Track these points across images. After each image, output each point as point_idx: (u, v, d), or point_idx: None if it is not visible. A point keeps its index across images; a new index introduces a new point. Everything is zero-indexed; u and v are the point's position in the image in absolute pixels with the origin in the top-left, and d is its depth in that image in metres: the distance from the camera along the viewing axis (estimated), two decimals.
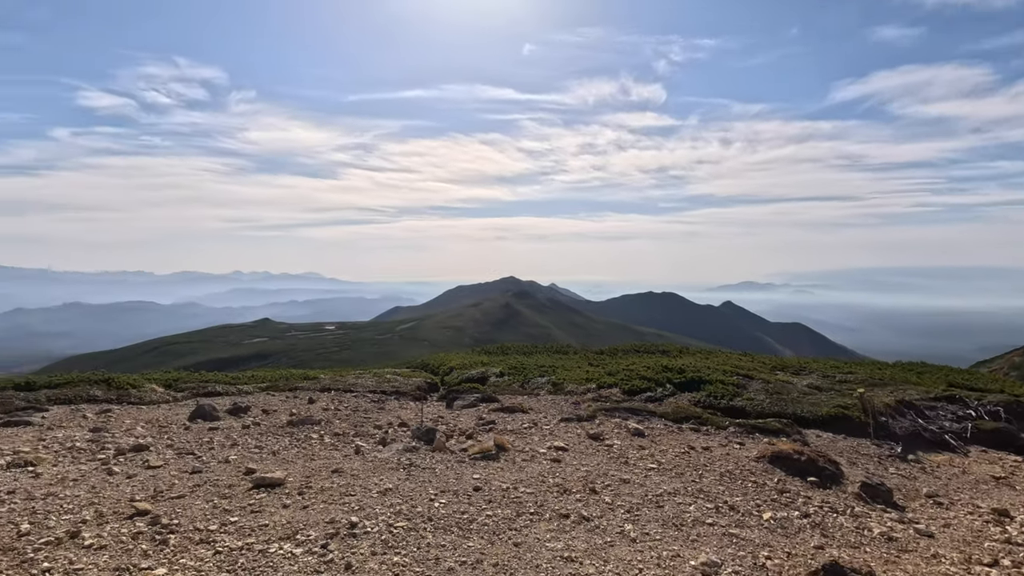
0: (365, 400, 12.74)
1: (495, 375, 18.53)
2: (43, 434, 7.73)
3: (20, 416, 8.63)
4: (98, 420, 9.03)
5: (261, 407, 10.94)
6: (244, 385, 13.14)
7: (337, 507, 4.95)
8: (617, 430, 8.68)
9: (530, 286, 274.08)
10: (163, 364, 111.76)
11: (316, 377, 16.79)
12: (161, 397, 11.15)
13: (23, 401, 9.40)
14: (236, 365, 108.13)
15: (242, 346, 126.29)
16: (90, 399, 10.26)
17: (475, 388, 14.32)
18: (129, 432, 8.07)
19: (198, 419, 9.32)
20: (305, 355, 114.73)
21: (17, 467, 5.85)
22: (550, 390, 14.62)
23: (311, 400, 11.92)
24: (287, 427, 8.99)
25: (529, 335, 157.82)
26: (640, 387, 13.44)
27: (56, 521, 4.41)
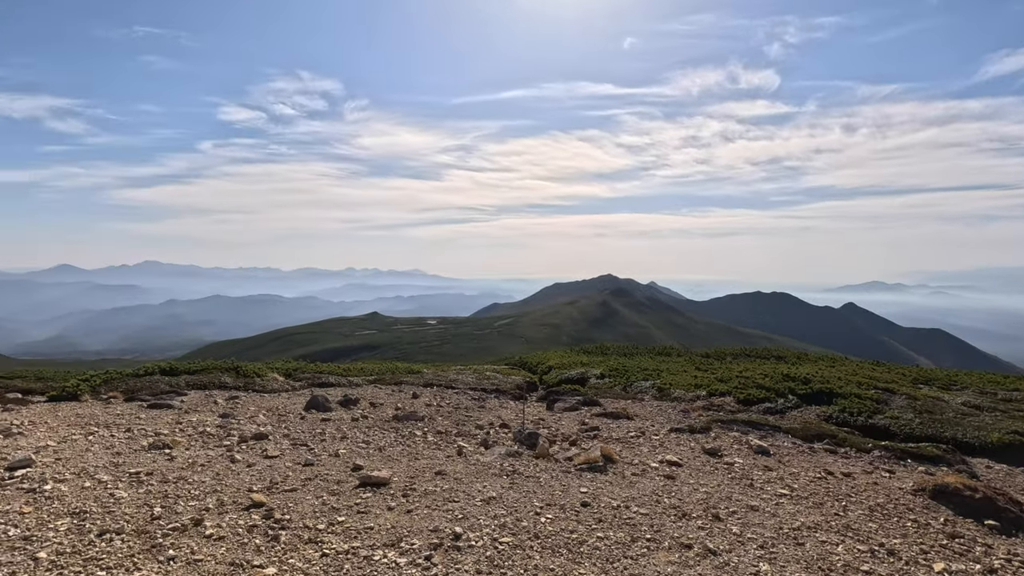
0: (466, 397, 12.78)
1: (595, 377, 17.95)
2: (180, 417, 8.43)
3: (164, 399, 9.53)
4: (227, 406, 9.75)
5: (369, 400, 11.29)
6: (354, 377, 13.72)
7: (441, 514, 4.78)
8: (737, 446, 7.85)
9: (628, 284, 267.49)
10: (287, 352, 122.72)
11: (419, 371, 17.24)
12: (281, 386, 11.90)
13: (167, 385, 10.42)
14: (348, 355, 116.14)
15: (353, 337, 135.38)
16: (221, 386, 11.16)
17: (576, 390, 13.88)
18: (252, 419, 8.59)
19: (312, 409, 9.76)
20: (409, 348, 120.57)
21: (157, 449, 6.34)
22: (655, 395, 13.81)
23: (415, 395, 12.14)
24: (392, 422, 9.13)
25: (626, 335, 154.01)
26: (757, 397, 12.27)
27: (183, 507, 4.63)
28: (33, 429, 7.08)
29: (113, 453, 6.09)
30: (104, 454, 6.05)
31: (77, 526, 4.14)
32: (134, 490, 4.97)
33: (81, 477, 5.21)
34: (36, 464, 5.47)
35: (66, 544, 3.84)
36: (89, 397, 9.77)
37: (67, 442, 6.47)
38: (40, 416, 8.08)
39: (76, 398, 9.74)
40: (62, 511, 4.39)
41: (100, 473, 5.34)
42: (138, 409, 8.93)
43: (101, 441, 6.59)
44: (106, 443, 6.52)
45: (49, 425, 7.39)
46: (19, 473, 5.14)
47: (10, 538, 3.90)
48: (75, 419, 7.92)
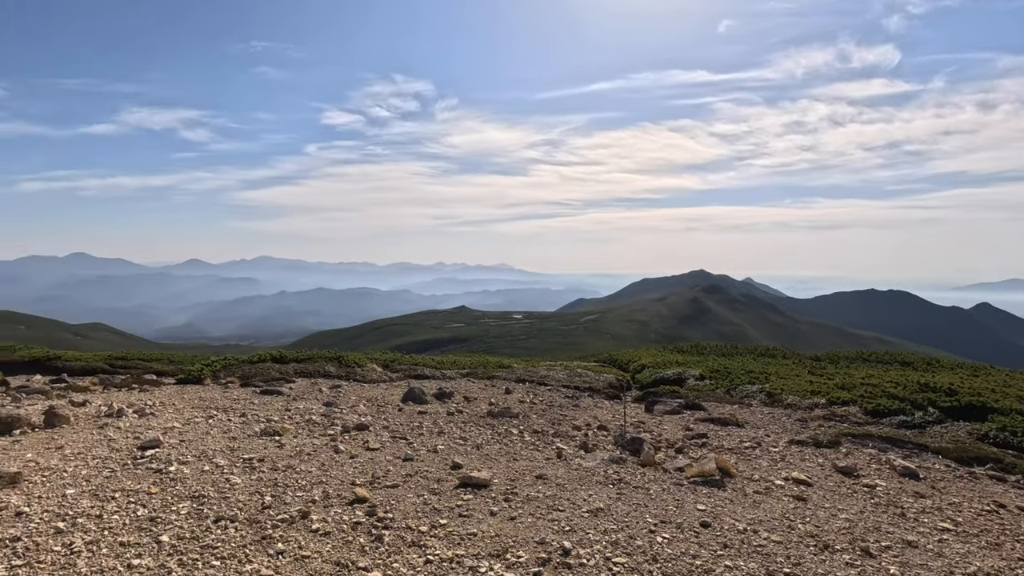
0: (559, 395, 12.43)
1: (694, 378, 16.93)
2: (288, 404, 8.79)
3: (274, 386, 10.04)
4: (330, 395, 10.09)
5: (463, 394, 11.26)
6: (448, 370, 13.83)
7: (546, 523, 4.45)
8: (875, 465, 6.85)
9: (722, 280, 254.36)
10: (383, 342, 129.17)
11: (510, 366, 17.12)
12: (380, 376, 12.21)
13: (277, 372, 11.00)
14: (438, 346, 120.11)
15: (443, 329, 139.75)
16: (325, 374, 11.63)
17: (675, 392, 13.07)
18: (353, 409, 8.78)
19: (409, 401, 9.85)
20: (495, 341, 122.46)
21: (267, 435, 6.56)
22: (764, 401, 12.69)
23: (508, 391, 11.98)
24: (487, 418, 8.98)
25: (720, 333, 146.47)
26: (888, 408, 10.88)
27: (292, 497, 4.65)
28: (163, 410, 7.63)
29: (229, 438, 6.37)
30: (221, 438, 6.33)
31: (196, 510, 4.25)
32: (247, 476, 5.09)
33: (201, 460, 5.45)
34: (163, 445, 5.80)
35: (186, 529, 3.92)
36: (210, 381, 10.52)
37: (190, 424, 6.87)
38: (169, 398, 8.75)
39: (200, 382, 10.52)
40: (183, 494, 4.55)
41: (218, 457, 5.55)
42: (252, 395, 9.45)
43: (219, 425, 6.95)
44: (223, 427, 6.85)
45: (176, 407, 7.95)
46: (149, 453, 5.46)
47: (138, 518, 4.06)
48: (198, 402, 8.49)
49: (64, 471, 4.87)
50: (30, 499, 4.19)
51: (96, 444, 5.73)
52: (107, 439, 5.93)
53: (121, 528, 3.87)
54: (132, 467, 5.10)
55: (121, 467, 5.08)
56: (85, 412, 7.14)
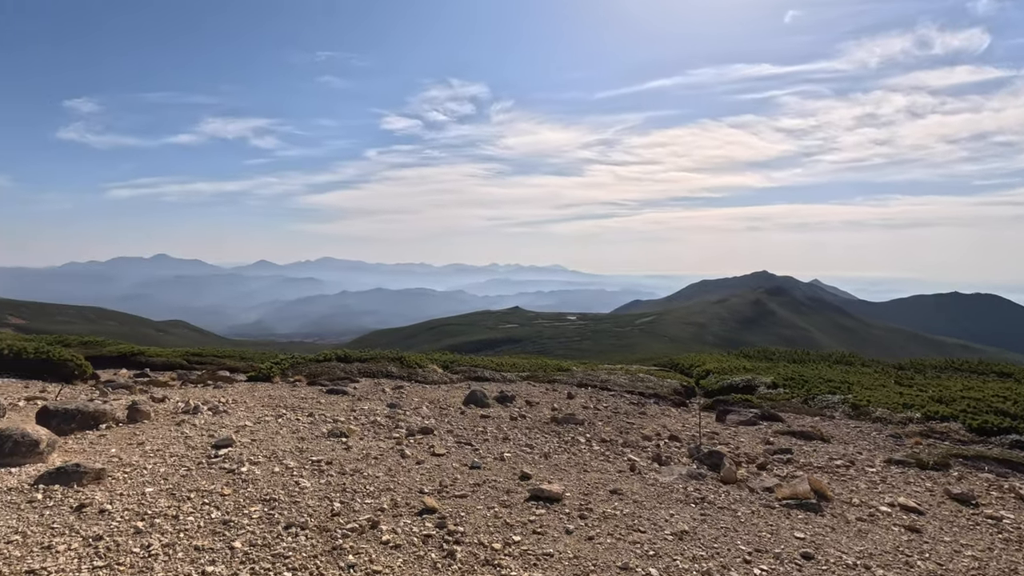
0: (624, 401, 11.97)
1: (765, 385, 15.98)
2: (354, 405, 8.81)
3: (339, 386, 10.13)
4: (393, 395, 10.08)
5: (524, 397, 11.01)
6: (508, 372, 13.63)
7: (627, 546, 4.10)
8: (996, 492, 6.06)
9: (786, 282, 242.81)
10: (438, 341, 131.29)
11: (569, 369, 16.75)
12: (441, 378, 12.15)
13: (342, 372, 11.14)
14: (492, 346, 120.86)
15: (497, 330, 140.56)
16: (388, 375, 11.68)
17: (748, 401, 12.30)
18: (416, 411, 8.70)
19: (471, 404, 9.70)
20: (548, 342, 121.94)
21: (335, 436, 6.53)
22: (848, 414, 11.74)
23: (570, 395, 11.63)
24: (551, 424, 8.68)
25: (784, 337, 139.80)
26: (997, 425, 9.81)
27: (360, 504, 4.53)
28: (235, 408, 7.79)
29: (298, 438, 6.37)
30: (291, 438, 6.35)
31: (267, 515, 4.18)
32: (316, 480, 5.02)
33: (271, 461, 5.44)
34: (235, 444, 5.85)
35: (257, 535, 3.85)
36: (279, 379, 10.76)
37: (261, 423, 6.95)
38: (241, 395, 8.97)
39: (269, 380, 10.79)
40: (255, 496, 4.51)
41: (287, 459, 5.53)
42: (318, 393, 9.56)
43: (288, 425, 6.99)
44: (292, 427, 6.89)
45: (247, 405, 8.11)
46: (222, 452, 5.50)
47: (212, 521, 4.03)
48: (268, 400, 8.65)
49: (144, 468, 4.95)
50: (112, 496, 4.25)
51: (173, 441, 5.85)
52: (183, 436, 6.05)
53: (196, 531, 3.84)
54: (206, 466, 5.14)
55: (196, 466, 5.12)
56: (164, 408, 7.38)
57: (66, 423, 5.91)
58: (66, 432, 5.86)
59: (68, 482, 4.32)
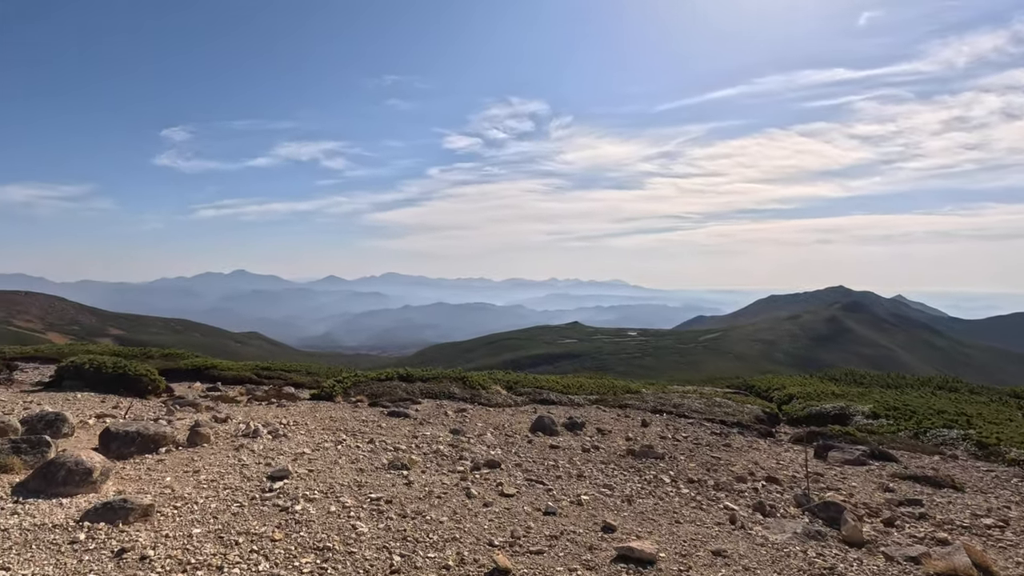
0: (704, 431, 10.90)
1: (862, 414, 14.36)
2: (416, 430, 8.33)
3: (401, 407, 9.72)
4: (456, 419, 9.55)
5: (595, 424, 10.21)
6: (574, 395, 12.84)
7: None
8: None
9: (864, 297, 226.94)
10: (497, 355, 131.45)
11: (639, 392, 15.72)
12: (505, 400, 11.53)
13: (404, 392, 10.75)
14: (551, 362, 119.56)
15: (556, 345, 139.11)
16: (450, 396, 11.20)
17: (849, 435, 10.88)
18: (480, 439, 8.10)
19: (539, 432, 9.00)
20: (608, 358, 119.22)
21: (395, 469, 6.02)
22: (972, 452, 10.14)
23: (644, 423, 10.70)
24: (628, 458, 7.84)
25: (863, 357, 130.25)
26: None
27: (423, 559, 3.94)
28: (295, 432, 7.48)
29: (357, 469, 5.91)
30: (349, 469, 5.89)
31: (319, 569, 3.67)
32: (374, 523, 4.49)
33: (328, 497, 4.97)
34: (292, 475, 5.44)
35: None
36: (341, 399, 10.50)
37: (319, 451, 6.56)
38: (302, 416, 8.71)
39: (331, 399, 10.55)
40: (308, 543, 4.02)
41: (345, 495, 5.05)
42: (380, 416, 9.17)
43: (347, 453, 6.56)
44: (352, 456, 6.45)
45: (308, 428, 7.79)
46: (277, 486, 5.09)
47: (259, 572, 3.55)
48: (328, 423, 8.31)
49: (195, 503, 4.59)
50: (157, 539, 3.87)
51: (230, 470, 5.52)
52: (240, 464, 5.72)
53: None
54: (260, 502, 4.72)
55: (249, 501, 4.72)
56: (225, 430, 7.15)
57: (126, 447, 5.72)
58: (125, 456, 5.66)
59: (113, 520, 3.99)
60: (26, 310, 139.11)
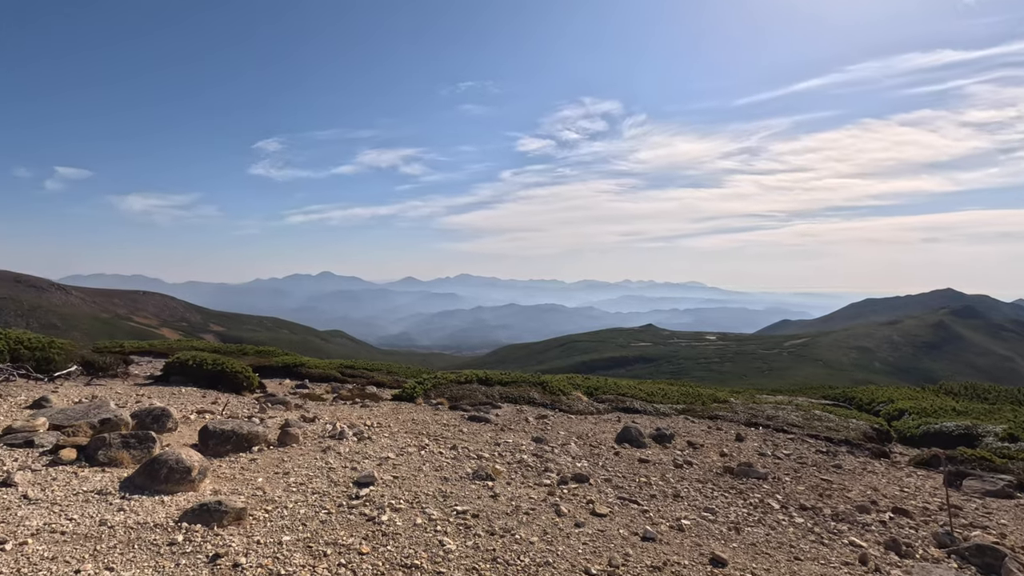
0: (807, 447, 9.92)
1: (994, 436, 12.67)
2: (497, 436, 8.09)
3: (481, 411, 9.55)
4: (537, 426, 9.23)
5: (684, 437, 9.55)
6: (660, 404, 12.17)
7: None
8: None
9: (979, 301, 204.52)
10: (569, 357, 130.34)
11: (728, 401, 14.74)
12: (586, 407, 11.09)
13: (483, 396, 10.59)
14: (623, 365, 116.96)
15: (629, 348, 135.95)
16: (530, 401, 10.91)
17: (986, 460, 9.49)
18: (565, 448, 7.73)
19: (625, 443, 8.51)
20: (685, 363, 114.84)
21: (480, 479, 5.78)
22: None
23: (739, 437, 9.89)
24: (727, 476, 7.19)
25: (976, 367, 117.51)
26: None
27: None
28: (379, 434, 7.45)
29: (441, 478, 5.72)
30: (434, 477, 5.72)
31: None
32: (462, 540, 4.24)
33: (414, 508, 4.79)
34: (377, 482, 5.33)
35: None
36: (422, 401, 10.49)
37: (403, 456, 6.45)
38: (385, 418, 8.72)
39: (412, 400, 10.56)
40: (395, 558, 3.83)
41: (430, 506, 4.85)
42: (460, 420, 9.03)
43: (431, 460, 6.41)
44: (435, 463, 6.29)
45: (391, 431, 7.76)
46: (364, 493, 4.99)
47: None
48: (411, 426, 8.26)
49: (285, 507, 4.56)
50: (249, 545, 3.82)
51: (317, 474, 5.50)
52: (327, 468, 5.70)
53: None
54: (347, 509, 4.62)
55: (336, 508, 4.63)
56: (313, 430, 7.24)
57: (222, 445, 5.86)
58: (221, 454, 5.80)
59: (209, 522, 3.99)
60: (144, 308, 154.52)
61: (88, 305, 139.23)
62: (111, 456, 5.14)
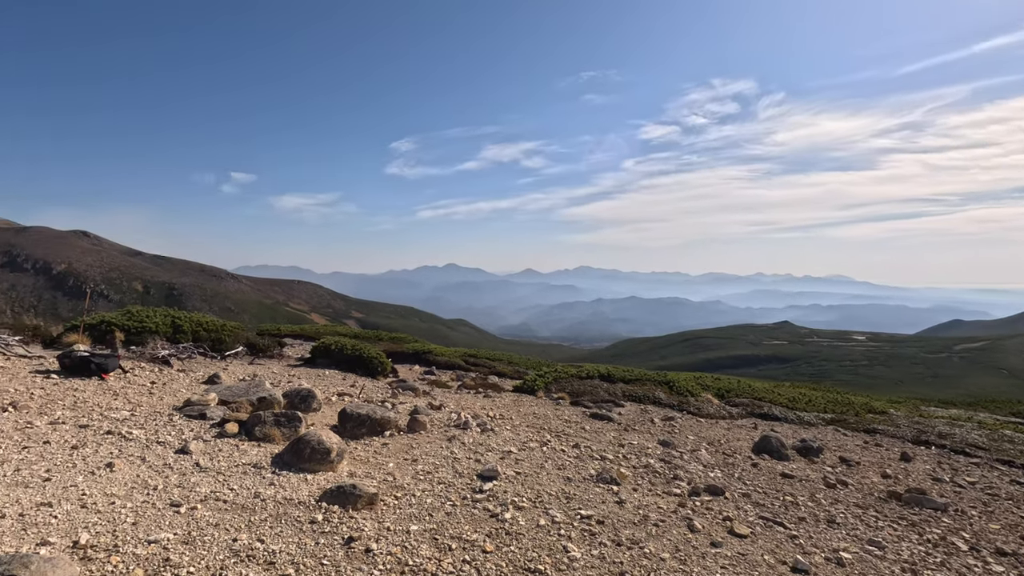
0: (996, 474, 8.29)
1: None
2: (621, 436, 7.75)
3: (603, 409, 9.24)
4: (663, 428, 8.73)
5: (835, 451, 8.46)
6: (802, 411, 10.95)
7: None
8: None
9: None
10: (692, 354, 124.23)
11: (887, 413, 12.90)
12: (717, 411, 10.30)
13: (605, 393, 10.26)
14: (754, 364, 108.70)
15: (761, 346, 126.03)
16: (655, 401, 10.37)
17: None
18: (695, 455, 7.18)
19: (764, 454, 7.72)
20: (826, 365, 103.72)
21: (604, 482, 5.52)
22: None
23: (905, 457, 8.53)
24: (892, 503, 6.18)
25: None
26: None
27: None
28: (501, 426, 7.48)
29: (564, 478, 5.56)
30: (556, 477, 5.57)
31: None
32: (587, 548, 4.03)
33: (536, 508, 4.67)
34: (500, 477, 5.30)
35: None
36: (543, 394, 10.43)
37: (525, 451, 6.39)
38: (506, 410, 8.77)
39: (533, 393, 10.55)
40: (518, 562, 3.72)
41: (553, 508, 4.70)
42: (582, 417, 8.81)
43: (553, 457, 6.27)
44: (558, 461, 6.14)
45: (513, 424, 7.76)
46: (487, 487, 4.97)
47: None
48: (532, 420, 8.21)
49: (412, 495, 4.67)
50: (380, 531, 3.94)
51: (443, 463, 5.60)
52: (452, 458, 5.79)
53: None
54: (471, 503, 4.62)
55: (461, 501, 4.65)
56: (439, 418, 7.46)
57: (358, 428, 6.22)
58: (357, 437, 6.15)
59: (345, 504, 4.19)
60: (298, 295, 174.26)
61: (254, 292, 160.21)
62: (265, 432, 5.66)
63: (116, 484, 4.27)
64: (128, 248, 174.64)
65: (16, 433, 5.22)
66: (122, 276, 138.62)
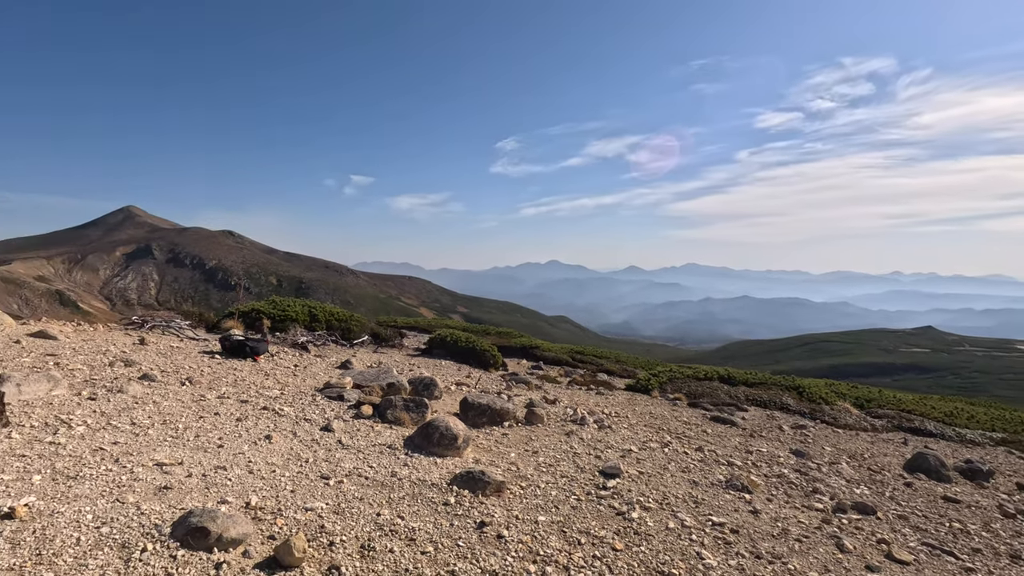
0: None
1: None
2: (747, 442, 7.27)
3: (724, 412, 8.73)
4: (794, 436, 8.07)
5: (1009, 475, 7.30)
6: (964, 429, 9.58)
7: None
8: None
9: None
10: (813, 360, 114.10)
11: None
12: (856, 422, 9.32)
13: (726, 396, 9.69)
14: (888, 373, 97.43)
15: (897, 353, 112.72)
16: (783, 407, 9.62)
17: None
18: (835, 469, 6.55)
19: (919, 473, 6.85)
20: (979, 377, 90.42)
21: (734, 490, 5.20)
22: None
23: None
24: None
25: None
26: None
27: None
28: (618, 424, 7.33)
29: (690, 481, 5.31)
30: (681, 480, 5.34)
31: None
32: (723, 557, 3.81)
33: (664, 510, 4.51)
34: (623, 475, 5.18)
35: None
36: (657, 394, 10.08)
37: (646, 450, 6.20)
38: (622, 408, 8.58)
39: (647, 392, 10.23)
40: (650, 563, 3.60)
41: (682, 511, 4.50)
42: (702, 419, 8.40)
43: (676, 459, 6.03)
44: (681, 463, 5.89)
45: (629, 422, 7.57)
46: (611, 484, 4.88)
47: None
48: (649, 419, 7.96)
49: (537, 486, 4.70)
50: (509, 519, 4.01)
51: (563, 457, 5.60)
52: (572, 452, 5.77)
53: None
54: (595, 499, 4.56)
55: (585, 496, 4.61)
56: (555, 412, 7.47)
57: (479, 417, 6.40)
58: (478, 425, 6.33)
59: (474, 488, 4.32)
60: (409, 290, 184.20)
61: (370, 287, 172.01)
62: (396, 416, 6.00)
63: (275, 455, 4.74)
64: (265, 246, 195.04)
65: (193, 404, 5.99)
66: (260, 271, 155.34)
